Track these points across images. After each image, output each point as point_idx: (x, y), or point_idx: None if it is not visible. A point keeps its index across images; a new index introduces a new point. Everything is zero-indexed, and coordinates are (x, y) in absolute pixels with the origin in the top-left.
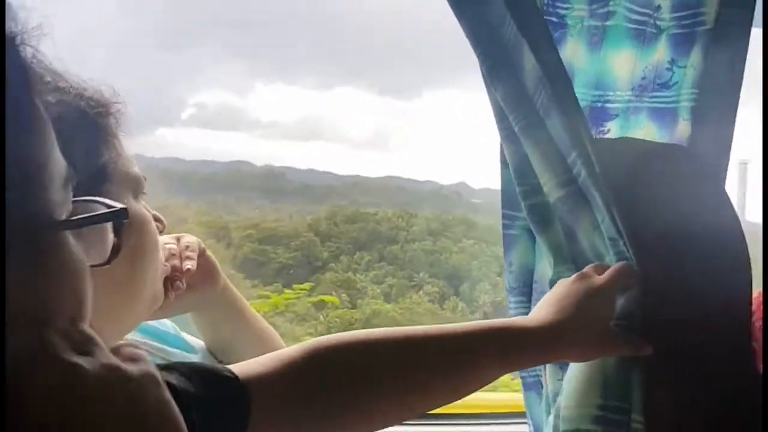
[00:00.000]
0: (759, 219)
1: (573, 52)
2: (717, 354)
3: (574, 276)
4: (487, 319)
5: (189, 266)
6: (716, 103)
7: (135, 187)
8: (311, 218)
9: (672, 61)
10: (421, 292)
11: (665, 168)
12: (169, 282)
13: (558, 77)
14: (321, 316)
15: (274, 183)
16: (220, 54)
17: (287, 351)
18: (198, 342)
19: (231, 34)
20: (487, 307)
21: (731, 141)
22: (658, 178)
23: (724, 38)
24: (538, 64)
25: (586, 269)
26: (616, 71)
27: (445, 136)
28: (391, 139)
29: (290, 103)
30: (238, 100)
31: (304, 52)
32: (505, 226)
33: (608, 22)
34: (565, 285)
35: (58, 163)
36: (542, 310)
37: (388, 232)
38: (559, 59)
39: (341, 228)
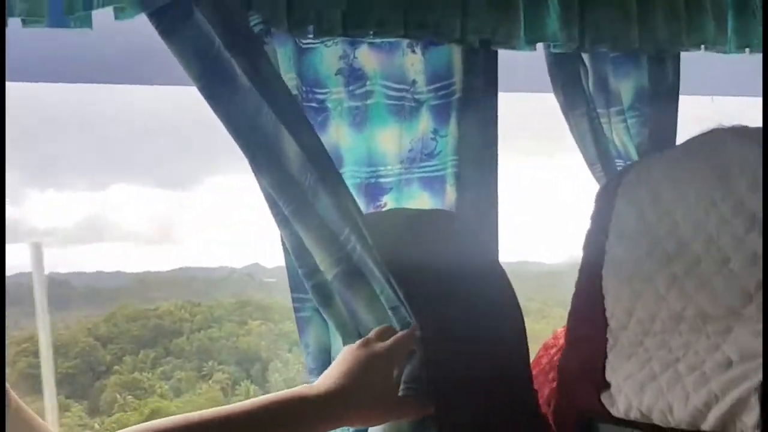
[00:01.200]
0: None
1: (338, 133)
2: (499, 398)
3: (358, 342)
4: None
5: None
6: (474, 167)
7: None
8: (91, 323)
9: (435, 131)
10: (211, 381)
11: (431, 231)
12: None
13: (321, 160)
14: (96, 424)
15: (58, 291)
16: None
17: None
18: None
19: None
20: (280, 385)
21: (495, 200)
22: (426, 242)
23: (472, 105)
24: (300, 149)
25: (370, 334)
26: (384, 146)
27: (231, 219)
28: (177, 230)
29: (66, 207)
30: (12, 210)
31: (74, 157)
32: (296, 309)
33: (368, 101)
34: (349, 351)
35: None
36: (327, 378)
37: (172, 325)
38: (320, 142)
39: (122, 328)
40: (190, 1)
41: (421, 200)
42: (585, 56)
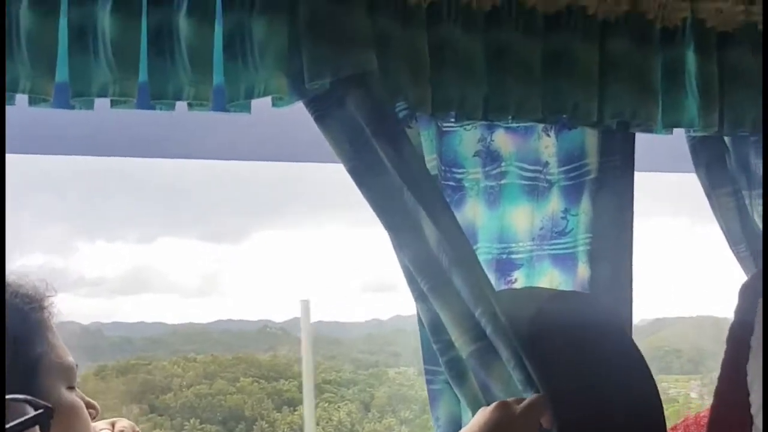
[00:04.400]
0: None
1: (473, 211)
2: None
3: (493, 404)
4: None
5: None
6: (609, 245)
7: (67, 376)
8: (80, 376)
9: (566, 210)
10: None
11: (565, 313)
12: None
13: (456, 239)
14: None
15: (89, 341)
16: (37, 219)
17: None
18: None
19: (47, 199)
20: None
21: (630, 277)
22: (559, 323)
23: (609, 184)
24: (437, 229)
25: (507, 399)
26: (516, 224)
27: (277, 273)
28: (221, 283)
29: (113, 258)
30: (60, 260)
31: (123, 211)
32: (428, 381)
33: (503, 182)
34: (483, 414)
35: None
36: None
37: (163, 381)
38: (456, 223)
39: (110, 383)
40: (342, 89)
41: (550, 276)
42: (727, 139)
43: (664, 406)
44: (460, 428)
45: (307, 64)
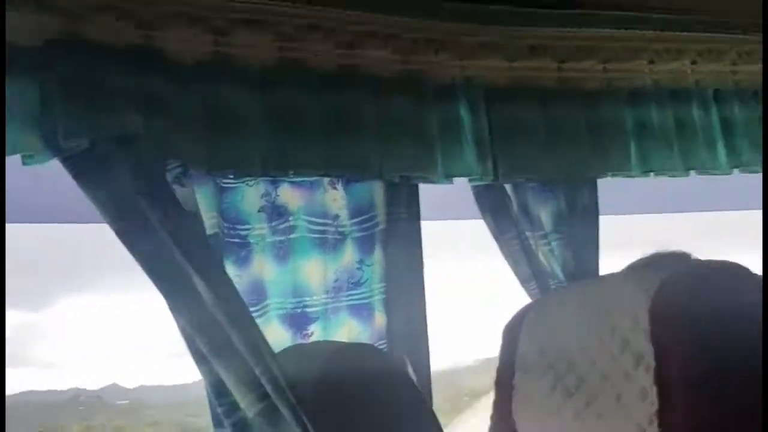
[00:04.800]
0: None
1: (261, 267)
2: None
3: None
4: None
5: None
6: (402, 292)
7: None
8: None
9: (360, 261)
10: None
11: (353, 366)
12: None
13: (231, 299)
14: None
15: None
16: None
17: None
18: None
19: None
20: None
21: (425, 322)
22: (346, 377)
23: (397, 234)
24: (209, 289)
25: None
26: (309, 277)
27: (87, 340)
28: (27, 353)
29: None
30: None
31: None
32: None
33: (292, 236)
34: None
35: None
36: None
37: None
38: (229, 282)
39: None
40: (104, 147)
41: (348, 327)
42: (507, 185)
43: None
44: None
45: (62, 122)
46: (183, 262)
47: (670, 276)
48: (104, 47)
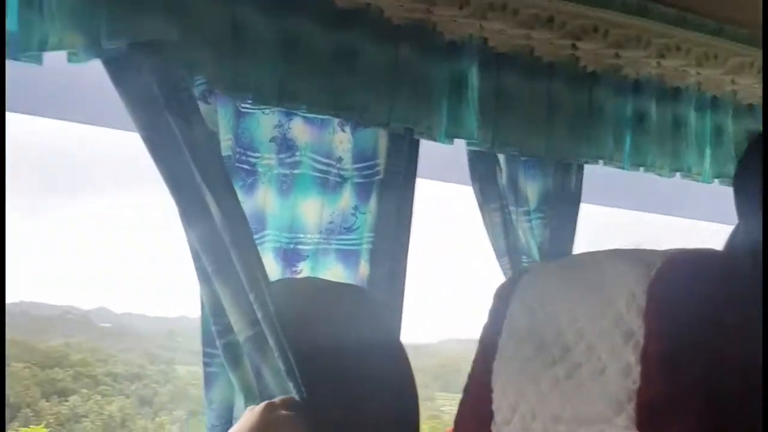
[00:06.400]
0: None
1: (265, 197)
2: None
3: (262, 405)
4: None
5: None
6: (388, 246)
7: None
8: None
9: (356, 207)
10: None
11: (338, 305)
12: None
13: (236, 223)
14: None
15: None
16: None
17: None
18: None
19: None
20: None
21: (403, 278)
22: (331, 315)
23: (393, 186)
24: (219, 209)
25: (275, 400)
26: (306, 216)
27: (83, 255)
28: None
29: None
30: None
31: None
32: (205, 364)
33: (296, 171)
34: (252, 414)
35: None
36: None
37: None
38: (238, 205)
39: None
40: (140, 54)
41: (334, 271)
42: (501, 156)
43: (432, 422)
44: (232, 413)
45: (105, 24)
46: (198, 177)
47: (675, 254)
48: None
